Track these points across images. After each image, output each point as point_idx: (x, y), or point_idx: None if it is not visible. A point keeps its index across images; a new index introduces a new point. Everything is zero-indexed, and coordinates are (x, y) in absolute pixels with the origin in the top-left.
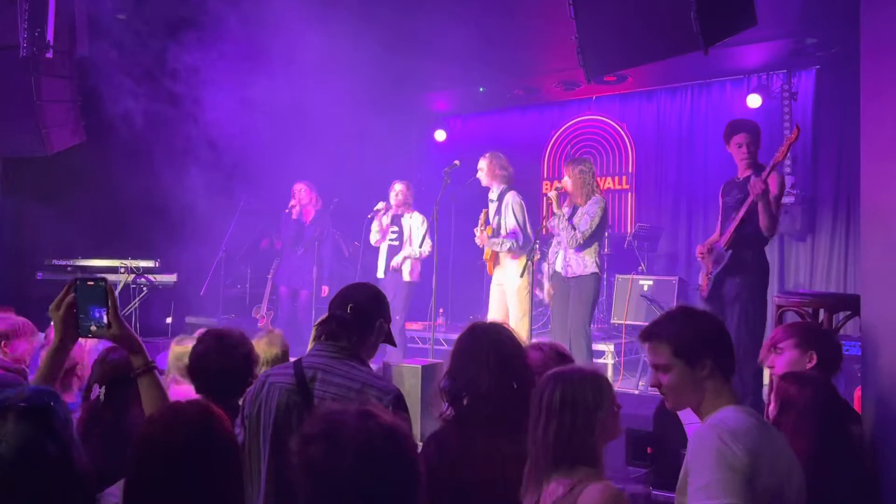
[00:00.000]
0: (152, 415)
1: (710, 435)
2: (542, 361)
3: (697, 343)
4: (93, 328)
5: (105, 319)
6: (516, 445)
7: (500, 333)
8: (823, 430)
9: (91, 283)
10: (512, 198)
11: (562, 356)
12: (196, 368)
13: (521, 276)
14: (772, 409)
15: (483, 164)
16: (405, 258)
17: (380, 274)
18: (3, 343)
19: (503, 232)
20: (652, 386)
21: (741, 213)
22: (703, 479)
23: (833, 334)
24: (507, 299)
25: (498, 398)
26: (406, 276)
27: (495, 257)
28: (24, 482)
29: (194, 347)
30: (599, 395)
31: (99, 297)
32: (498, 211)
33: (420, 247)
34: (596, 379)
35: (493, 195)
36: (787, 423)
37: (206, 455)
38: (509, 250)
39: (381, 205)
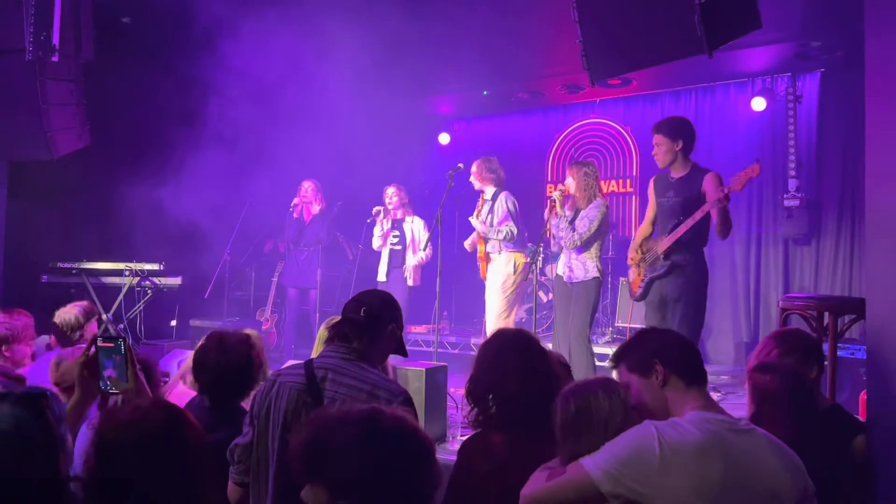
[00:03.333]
0: (114, 415)
1: (651, 422)
2: None
3: (643, 352)
4: (111, 384)
5: (125, 376)
6: (553, 448)
7: (525, 340)
8: (796, 413)
9: (112, 341)
10: (504, 196)
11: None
12: (196, 368)
13: (517, 274)
14: (748, 405)
15: (473, 168)
16: (417, 263)
17: (381, 278)
18: (3, 347)
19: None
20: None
21: (691, 222)
22: (610, 443)
23: (804, 332)
24: (493, 295)
25: (527, 400)
26: (410, 282)
27: (486, 257)
28: (6, 465)
29: (197, 347)
30: (614, 404)
31: (118, 354)
32: (491, 210)
33: (423, 251)
34: (607, 386)
35: (487, 196)
36: (766, 412)
37: (165, 457)
38: (504, 238)
39: (378, 209)
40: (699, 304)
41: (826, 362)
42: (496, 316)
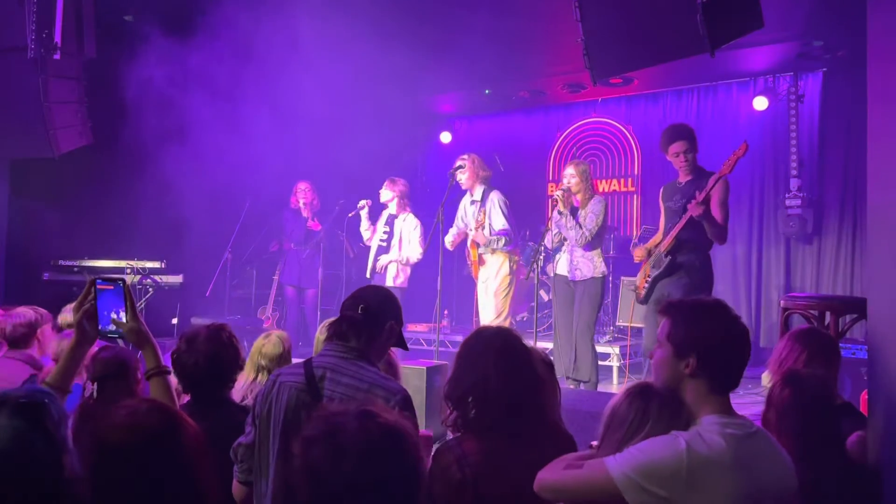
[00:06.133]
0: (111, 416)
1: (679, 435)
2: None
3: (688, 338)
4: (111, 327)
5: (123, 319)
6: (537, 453)
7: (507, 338)
8: (806, 428)
9: (111, 283)
10: (496, 196)
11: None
12: (175, 371)
13: (513, 274)
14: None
15: (465, 165)
16: (390, 262)
17: (368, 275)
18: (38, 332)
19: (488, 231)
20: (646, 356)
21: (682, 222)
22: (638, 448)
23: (826, 332)
24: (486, 298)
25: (507, 402)
26: (389, 281)
27: (480, 259)
28: (10, 477)
29: (172, 351)
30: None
31: (118, 297)
32: (482, 210)
33: (409, 251)
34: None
35: (476, 196)
36: (770, 420)
37: (163, 459)
38: (503, 247)
39: (363, 203)
40: None
41: None
42: (494, 319)
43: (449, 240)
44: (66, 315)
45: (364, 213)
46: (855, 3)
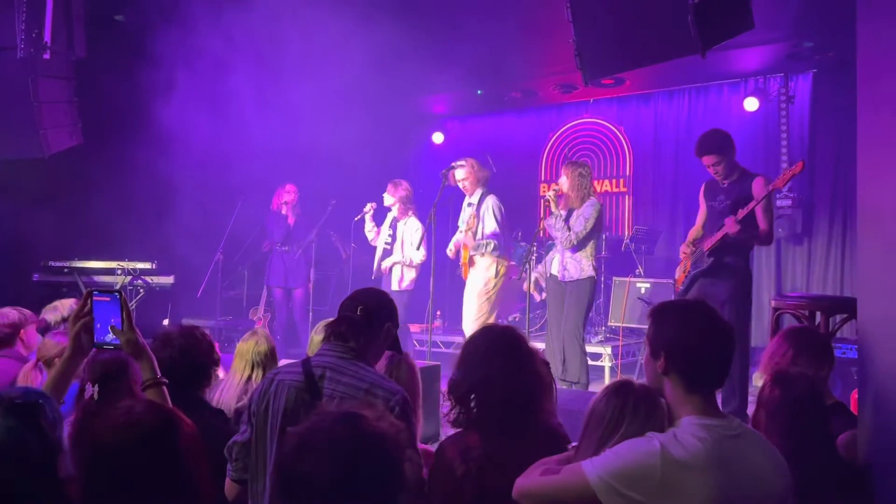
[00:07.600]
0: (108, 416)
1: (655, 437)
2: None
3: (657, 337)
4: (108, 337)
5: (120, 330)
6: (536, 451)
7: (513, 337)
8: (794, 427)
9: (107, 294)
10: (491, 201)
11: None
12: None
13: (499, 278)
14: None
15: (463, 173)
16: (394, 264)
17: (372, 276)
18: (21, 332)
19: (479, 235)
20: None
21: (737, 216)
22: (613, 452)
23: (817, 331)
24: (471, 299)
25: (511, 401)
26: (394, 285)
27: (471, 261)
28: (3, 475)
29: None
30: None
31: (115, 308)
32: (477, 215)
33: (412, 253)
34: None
35: (473, 199)
36: (760, 420)
37: (159, 458)
38: (491, 251)
39: (370, 206)
40: (747, 307)
41: None
42: (474, 320)
43: (450, 248)
44: (48, 314)
45: (369, 216)
46: (844, 5)
